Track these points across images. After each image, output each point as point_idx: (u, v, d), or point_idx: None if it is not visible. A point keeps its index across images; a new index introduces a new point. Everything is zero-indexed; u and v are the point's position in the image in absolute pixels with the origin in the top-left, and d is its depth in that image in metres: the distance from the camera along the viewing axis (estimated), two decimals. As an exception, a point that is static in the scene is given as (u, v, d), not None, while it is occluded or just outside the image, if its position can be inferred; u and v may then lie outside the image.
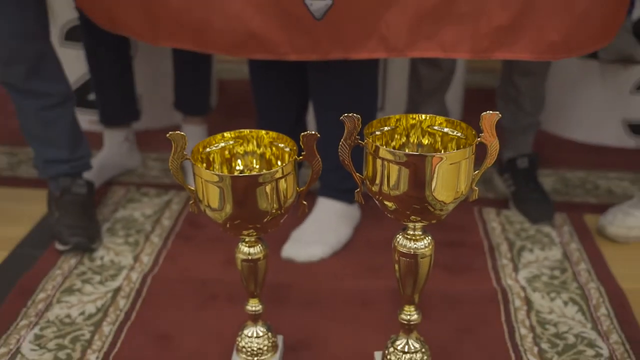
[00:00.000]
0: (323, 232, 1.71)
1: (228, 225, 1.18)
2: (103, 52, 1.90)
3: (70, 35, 2.23)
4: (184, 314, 1.47)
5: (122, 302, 1.50)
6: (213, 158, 1.21)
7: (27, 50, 1.56)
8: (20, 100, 1.63)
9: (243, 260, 1.25)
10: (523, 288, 1.58)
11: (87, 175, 1.80)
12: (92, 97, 2.19)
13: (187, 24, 1.44)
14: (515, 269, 1.65)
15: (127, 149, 2.05)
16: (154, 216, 1.83)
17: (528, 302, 1.53)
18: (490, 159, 1.12)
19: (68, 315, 1.46)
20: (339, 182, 1.72)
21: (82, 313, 1.47)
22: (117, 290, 1.54)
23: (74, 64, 2.15)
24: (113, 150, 2.02)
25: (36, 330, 1.41)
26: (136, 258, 1.65)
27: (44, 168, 1.71)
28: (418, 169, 1.06)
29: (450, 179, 1.09)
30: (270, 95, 1.79)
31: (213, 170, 1.20)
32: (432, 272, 1.21)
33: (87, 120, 2.23)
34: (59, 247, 1.65)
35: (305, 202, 1.21)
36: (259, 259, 1.25)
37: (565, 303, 1.53)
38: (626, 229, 1.78)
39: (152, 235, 1.75)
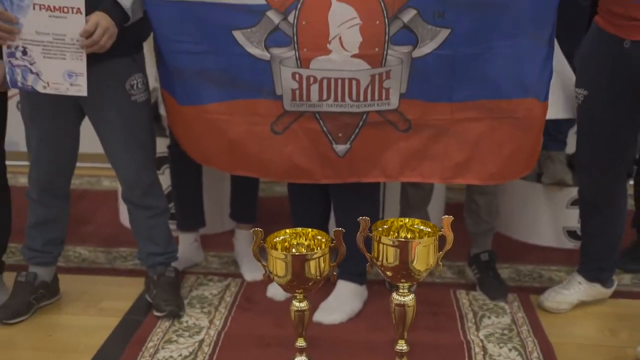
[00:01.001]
0: (342, 304, 2.44)
1: (288, 287, 1.92)
2: (185, 177, 2.71)
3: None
4: (249, 356, 2.19)
5: (206, 349, 2.22)
6: (277, 246, 1.97)
7: (145, 178, 2.36)
8: (134, 211, 2.41)
9: (295, 311, 1.97)
10: (481, 340, 2.30)
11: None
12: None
13: (256, 160, 2.26)
14: (477, 329, 2.37)
15: (195, 248, 2.81)
16: (219, 295, 2.57)
17: (484, 349, 2.25)
18: (448, 245, 1.88)
19: (171, 356, 2.17)
20: (352, 267, 2.46)
21: (180, 355, 2.18)
22: (201, 341, 2.26)
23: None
24: (185, 248, 2.76)
25: (152, 365, 2.14)
26: (210, 321, 2.38)
27: (146, 259, 2.47)
28: (404, 250, 1.82)
29: (423, 257, 1.84)
30: (304, 207, 2.56)
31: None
32: (418, 330, 1.94)
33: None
34: (157, 314, 2.38)
35: (335, 273, 1.96)
36: (305, 310, 1.98)
37: (510, 350, 2.25)
38: (557, 303, 2.51)
39: (219, 307, 2.48)
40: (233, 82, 2.17)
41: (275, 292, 2.53)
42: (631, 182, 2.97)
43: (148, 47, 2.42)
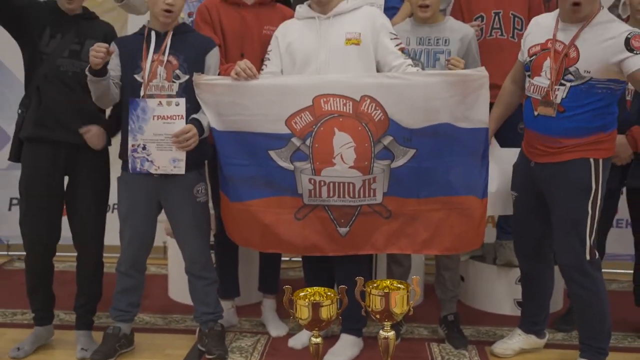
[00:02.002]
0: (344, 350, 3.23)
1: (308, 326, 2.75)
2: (226, 259, 3.56)
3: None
4: (278, 383, 2.99)
5: (246, 379, 3.03)
6: (301, 298, 2.81)
7: (202, 256, 3.20)
8: (194, 281, 3.24)
9: (313, 344, 2.78)
10: (446, 374, 3.11)
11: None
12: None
13: (283, 240, 3.12)
14: (443, 364, 3.19)
15: (232, 313, 3.61)
16: (252, 345, 3.36)
17: (448, 380, 3.06)
18: (417, 296, 2.71)
19: (222, 384, 2.98)
20: (352, 324, 3.24)
21: (228, 383, 2.99)
22: (242, 374, 3.07)
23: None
24: (224, 312, 3.54)
25: (208, 388, 2.93)
26: (247, 363, 3.20)
27: (200, 317, 3.26)
28: (387, 298, 2.65)
29: (400, 303, 2.67)
30: (315, 273, 3.38)
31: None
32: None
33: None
34: (209, 357, 3.16)
35: (340, 317, 2.79)
36: (320, 344, 2.79)
37: (467, 381, 3.07)
38: (503, 349, 3.30)
39: (254, 353, 3.27)
40: (268, 185, 3.08)
41: (294, 343, 3.34)
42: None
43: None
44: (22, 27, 3.07)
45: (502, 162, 3.24)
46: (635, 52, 2.73)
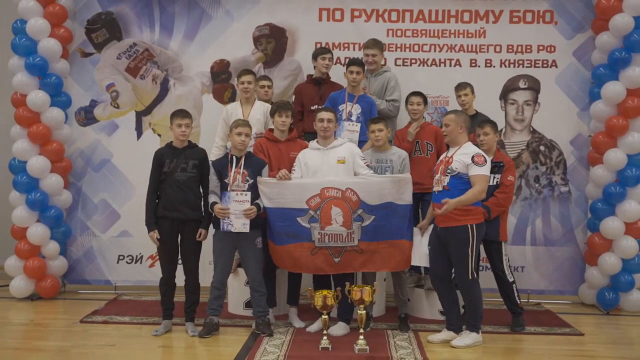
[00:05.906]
0: (339, 329, 5.37)
1: (321, 309, 5.01)
2: (269, 281, 5.71)
3: (248, 283, 6.13)
4: (303, 348, 5.14)
5: (285, 345, 5.15)
6: (316, 294, 5.06)
7: (258, 277, 5.37)
8: (254, 293, 5.36)
9: (323, 319, 5.02)
10: (395, 343, 5.32)
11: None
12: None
13: (303, 265, 5.36)
14: (394, 340, 5.40)
15: (272, 316, 5.69)
16: (285, 331, 5.48)
17: (395, 346, 5.27)
18: (377, 292, 4.99)
19: (274, 344, 5.14)
20: (344, 315, 5.39)
21: (275, 344, 5.14)
22: (283, 341, 5.19)
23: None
24: (267, 316, 5.76)
25: None
26: (285, 337, 5.38)
27: (257, 313, 5.36)
28: (362, 292, 4.95)
29: (368, 295, 4.95)
30: (320, 282, 5.49)
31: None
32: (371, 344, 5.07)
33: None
34: (262, 335, 5.28)
35: (337, 309, 5.05)
36: (327, 318, 5.03)
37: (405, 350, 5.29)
38: (433, 337, 5.42)
39: (287, 334, 5.40)
40: (296, 236, 5.32)
41: (311, 328, 5.50)
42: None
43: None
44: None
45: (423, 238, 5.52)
46: (474, 163, 5.10)
